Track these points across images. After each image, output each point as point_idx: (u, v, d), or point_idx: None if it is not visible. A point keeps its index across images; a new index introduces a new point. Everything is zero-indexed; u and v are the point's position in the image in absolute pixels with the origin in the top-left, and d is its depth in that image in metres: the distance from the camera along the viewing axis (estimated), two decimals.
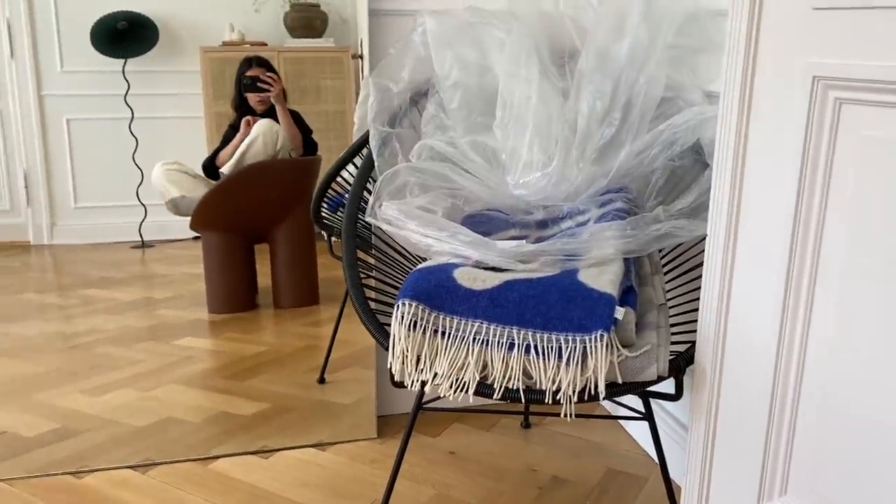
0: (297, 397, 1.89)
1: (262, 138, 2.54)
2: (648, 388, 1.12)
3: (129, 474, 1.52)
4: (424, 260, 1.25)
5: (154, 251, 3.83)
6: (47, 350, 2.31)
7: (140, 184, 4.03)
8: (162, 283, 3.17)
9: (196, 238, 4.07)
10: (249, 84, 2.67)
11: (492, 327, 1.07)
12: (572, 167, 1.28)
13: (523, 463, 1.57)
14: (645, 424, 1.60)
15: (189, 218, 2.62)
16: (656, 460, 1.46)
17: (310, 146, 2.79)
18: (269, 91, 2.65)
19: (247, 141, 2.55)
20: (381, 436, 1.68)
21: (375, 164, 1.39)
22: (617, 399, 1.52)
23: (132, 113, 3.93)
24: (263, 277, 2.89)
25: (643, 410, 1.27)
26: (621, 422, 1.73)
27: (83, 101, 3.93)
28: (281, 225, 2.69)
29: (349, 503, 1.42)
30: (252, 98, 2.70)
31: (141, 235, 4.05)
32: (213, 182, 2.70)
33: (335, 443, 1.65)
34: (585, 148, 1.28)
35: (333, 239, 1.92)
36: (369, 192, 1.36)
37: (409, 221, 1.24)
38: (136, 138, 3.97)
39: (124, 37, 3.81)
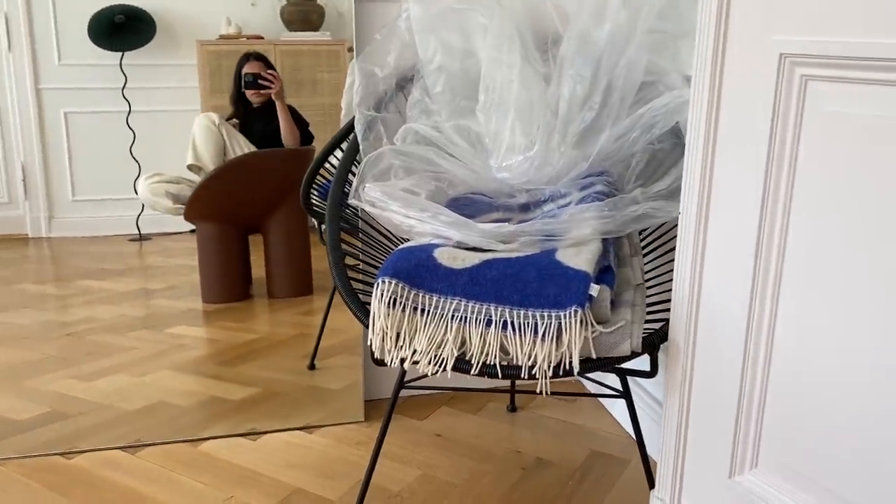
0: (287, 382, 1.91)
1: (199, 128, 2.61)
2: (624, 366, 1.14)
3: (118, 455, 1.54)
4: (408, 241, 1.27)
5: (151, 244, 3.84)
6: (42, 338, 2.33)
7: (137, 177, 4.04)
8: (158, 274, 3.19)
9: (193, 231, 4.09)
10: (251, 81, 2.71)
11: (470, 304, 1.09)
12: (554, 151, 1.30)
13: (508, 445, 1.59)
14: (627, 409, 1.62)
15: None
16: (636, 443, 1.47)
17: (306, 139, 2.82)
18: (269, 88, 2.69)
19: (192, 135, 2.63)
20: (368, 419, 1.70)
21: (360, 147, 1.40)
22: (598, 380, 1.53)
23: (129, 106, 3.95)
24: (258, 269, 2.91)
25: (622, 389, 1.29)
26: (606, 406, 1.75)
27: (81, 95, 3.95)
28: (274, 215, 2.71)
29: (335, 483, 1.44)
30: (250, 93, 2.74)
31: (139, 228, 4.06)
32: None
33: (323, 426, 1.67)
34: (567, 132, 1.29)
35: (323, 226, 1.94)
36: (354, 176, 1.38)
37: (392, 203, 1.26)
38: (133, 131, 3.98)
39: (121, 30, 3.82)
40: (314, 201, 1.89)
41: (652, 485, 1.23)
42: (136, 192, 4.19)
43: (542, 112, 1.29)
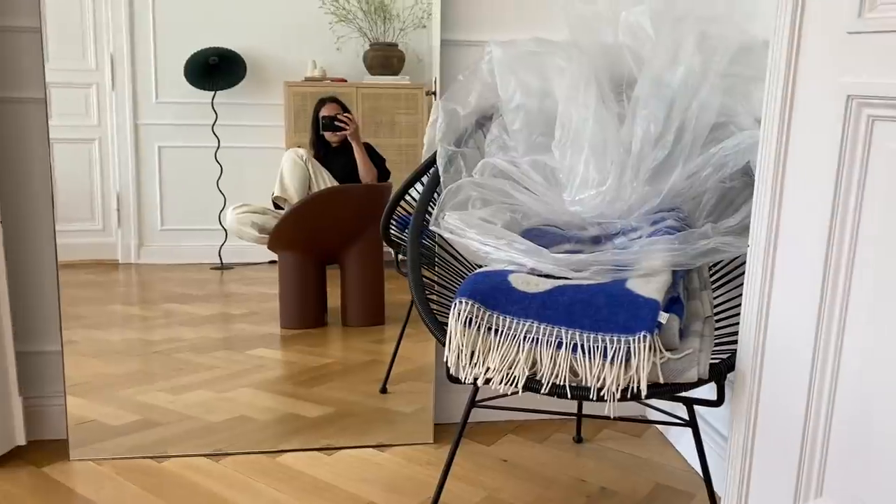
0: (360, 404, 1.99)
1: (287, 162, 2.77)
2: (691, 395, 1.18)
3: (203, 461, 1.64)
4: (482, 267, 1.34)
5: (232, 273, 4.01)
6: (130, 354, 2.48)
7: (222, 209, 4.25)
8: (238, 300, 3.34)
9: (272, 262, 4.26)
10: (327, 123, 2.86)
11: (542, 327, 1.15)
12: (626, 186, 1.36)
13: (573, 473, 1.62)
14: (693, 443, 1.63)
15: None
16: (701, 472, 1.49)
17: (383, 175, 2.95)
18: (345, 130, 2.84)
19: (280, 169, 2.80)
20: (437, 441, 1.76)
21: (441, 179, 1.49)
22: (664, 409, 1.56)
23: (218, 142, 4.17)
24: (333, 298, 3.02)
25: (688, 419, 1.31)
26: (671, 441, 1.76)
27: (174, 130, 4.19)
28: (352, 248, 2.82)
29: (404, 499, 1.50)
30: (328, 134, 2.90)
31: (221, 258, 4.25)
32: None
33: (394, 445, 1.74)
34: (639, 168, 1.35)
35: (401, 256, 2.03)
36: (433, 207, 1.47)
37: (470, 230, 1.33)
38: (220, 166, 4.20)
39: (215, 71, 4.06)
40: (393, 232, 1.99)
41: None
42: (221, 223, 4.38)
43: (615, 149, 1.35)
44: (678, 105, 1.34)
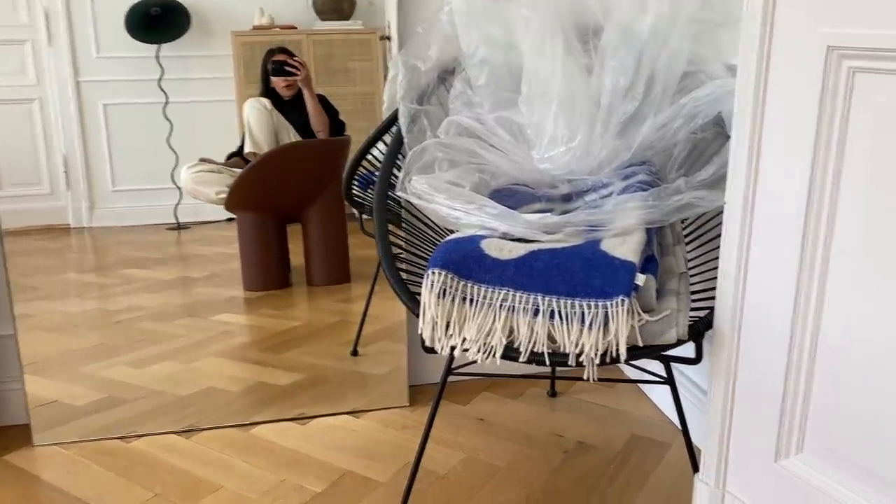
0: (331, 368, 1.96)
1: (253, 113, 2.67)
2: (669, 353, 1.17)
3: (174, 439, 1.60)
4: (452, 232, 1.30)
5: (189, 233, 3.91)
6: (90, 326, 2.41)
7: (175, 167, 4.11)
8: (198, 262, 3.26)
9: (230, 220, 4.16)
10: (278, 68, 2.75)
11: (518, 294, 1.12)
12: (596, 141, 1.32)
13: (549, 429, 1.62)
14: (667, 392, 1.64)
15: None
16: (679, 426, 1.51)
17: (337, 127, 2.86)
18: (296, 75, 2.73)
19: (245, 122, 2.69)
20: (412, 404, 1.75)
21: (405, 140, 1.43)
22: (640, 366, 1.56)
23: (166, 97, 4.01)
24: (296, 257, 2.97)
25: (665, 376, 1.31)
26: (645, 390, 1.77)
27: (119, 87, 4.02)
28: (312, 205, 2.76)
29: (382, 465, 1.48)
30: (279, 84, 2.79)
31: (177, 217, 4.14)
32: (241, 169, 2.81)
33: (368, 410, 1.72)
34: (609, 122, 1.31)
35: (364, 216, 1.98)
36: (398, 168, 1.42)
37: (438, 195, 1.29)
38: (170, 122, 4.05)
39: (157, 22, 3.88)
40: (355, 192, 1.93)
41: (696, 469, 1.25)
42: (175, 182, 4.25)
43: (584, 103, 1.31)
44: (648, 54, 1.30)
